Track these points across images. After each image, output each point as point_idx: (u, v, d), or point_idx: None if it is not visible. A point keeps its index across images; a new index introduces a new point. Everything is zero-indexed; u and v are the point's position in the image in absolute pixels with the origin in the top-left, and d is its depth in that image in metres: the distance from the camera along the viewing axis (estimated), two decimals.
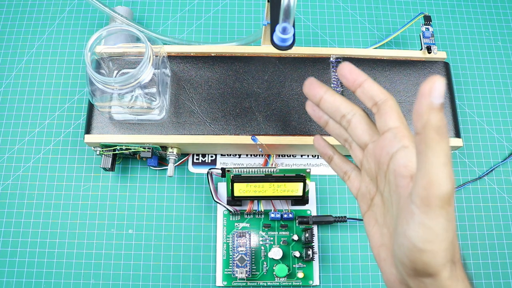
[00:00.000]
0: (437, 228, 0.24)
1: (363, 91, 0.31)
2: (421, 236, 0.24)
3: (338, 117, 0.33)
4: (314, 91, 0.34)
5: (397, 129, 0.29)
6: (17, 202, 0.48)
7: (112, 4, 0.57)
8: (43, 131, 0.50)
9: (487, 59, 0.56)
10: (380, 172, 0.30)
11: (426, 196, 0.23)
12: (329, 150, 0.36)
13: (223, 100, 0.46)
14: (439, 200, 0.23)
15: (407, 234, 0.25)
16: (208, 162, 0.50)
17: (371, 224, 0.31)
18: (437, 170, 0.23)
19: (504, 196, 0.50)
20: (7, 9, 0.56)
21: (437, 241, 0.24)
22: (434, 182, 0.23)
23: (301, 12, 0.58)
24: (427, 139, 0.23)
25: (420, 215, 0.24)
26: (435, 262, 0.24)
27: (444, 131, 0.23)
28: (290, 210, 0.46)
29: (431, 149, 0.23)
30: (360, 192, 0.33)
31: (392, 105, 0.30)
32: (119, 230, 0.47)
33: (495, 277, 0.47)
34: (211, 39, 0.56)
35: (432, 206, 0.23)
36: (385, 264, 0.29)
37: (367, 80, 0.31)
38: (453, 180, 0.24)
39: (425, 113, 0.23)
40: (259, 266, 0.45)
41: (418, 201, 0.24)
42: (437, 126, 0.23)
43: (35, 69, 0.53)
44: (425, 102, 0.22)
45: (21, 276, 0.45)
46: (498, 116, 0.53)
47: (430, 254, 0.24)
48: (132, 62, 0.45)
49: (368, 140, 0.31)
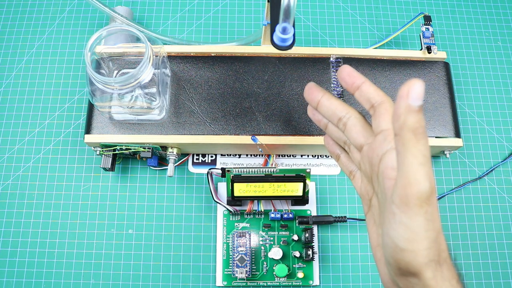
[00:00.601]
0: (416, 228, 0.24)
1: (361, 93, 0.31)
2: (401, 235, 0.25)
3: (335, 120, 0.34)
4: (312, 96, 0.35)
5: (388, 131, 0.29)
6: (17, 202, 0.48)
7: (112, 4, 0.57)
8: (43, 131, 0.50)
9: (487, 59, 0.56)
10: (373, 173, 0.30)
11: (405, 195, 0.24)
12: (337, 149, 0.37)
13: (223, 100, 0.46)
14: (417, 199, 0.24)
15: (389, 233, 0.26)
16: (208, 162, 0.50)
17: (371, 224, 0.32)
18: (414, 170, 0.23)
19: (504, 196, 0.50)
20: (7, 9, 0.56)
21: (417, 240, 0.24)
22: (412, 182, 0.24)
23: (301, 12, 0.58)
24: (404, 140, 0.24)
25: (399, 214, 0.25)
26: (417, 262, 0.25)
27: (421, 132, 0.23)
28: (290, 210, 0.46)
29: (408, 149, 0.24)
30: (361, 192, 0.33)
31: (387, 107, 0.30)
32: (119, 230, 0.47)
33: (495, 277, 0.47)
34: (211, 39, 0.56)
35: (411, 206, 0.24)
36: (380, 263, 0.30)
37: (365, 82, 0.31)
38: (432, 180, 0.24)
39: (402, 114, 0.23)
40: (259, 266, 0.45)
41: (397, 201, 0.25)
42: (413, 127, 0.23)
43: (35, 69, 0.53)
44: (403, 103, 0.23)
45: (21, 276, 0.45)
46: (498, 116, 0.53)
47: (411, 254, 0.25)
48: (132, 62, 0.45)
49: (364, 142, 0.32)
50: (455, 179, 0.50)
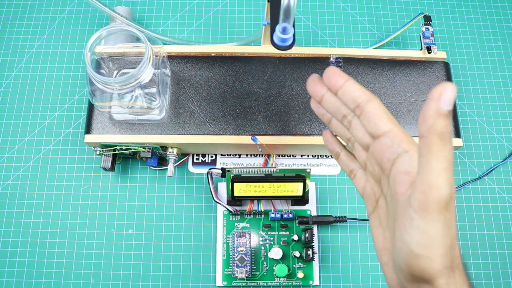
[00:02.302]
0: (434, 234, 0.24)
1: (344, 92, 0.30)
2: (418, 241, 0.24)
3: (339, 117, 0.32)
4: (316, 89, 0.33)
5: (391, 132, 0.28)
6: (17, 202, 0.48)
7: (112, 4, 0.57)
8: (43, 131, 0.50)
9: (487, 59, 0.56)
10: (383, 176, 0.29)
11: (425, 200, 0.23)
12: (336, 147, 0.36)
13: (223, 100, 0.46)
14: (437, 205, 0.23)
15: (404, 239, 0.25)
16: (208, 162, 0.50)
17: (376, 225, 0.31)
18: (437, 175, 0.23)
19: (504, 196, 0.50)
20: (7, 9, 0.56)
21: (434, 247, 0.24)
22: (433, 187, 0.23)
23: (301, 12, 0.58)
24: (430, 144, 0.23)
25: (417, 219, 0.24)
26: (432, 268, 0.24)
27: (448, 137, 0.23)
28: (290, 210, 0.46)
29: (433, 153, 0.23)
30: (365, 192, 0.32)
31: (377, 106, 0.29)
32: (119, 230, 0.47)
33: (495, 277, 0.47)
34: (211, 39, 0.56)
35: (430, 211, 0.23)
36: (387, 268, 0.29)
37: (348, 81, 0.30)
38: (453, 186, 0.24)
39: (431, 117, 0.23)
40: (259, 266, 0.45)
41: (416, 205, 0.24)
42: (441, 131, 0.23)
43: (35, 69, 0.53)
44: (433, 106, 0.23)
45: (21, 276, 0.45)
46: (498, 116, 0.53)
47: (427, 260, 0.24)
48: (132, 62, 0.45)
49: (370, 142, 0.30)
50: (455, 179, 0.50)
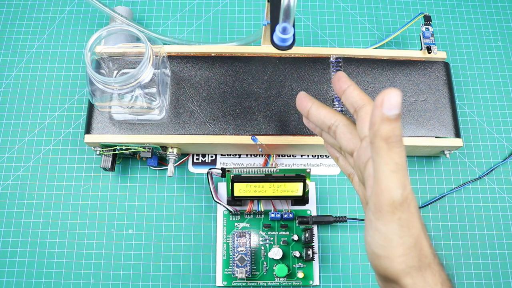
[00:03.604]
0: (390, 234, 0.24)
1: (346, 97, 0.31)
2: (377, 242, 0.25)
3: (325, 129, 0.33)
4: (302, 106, 0.34)
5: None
6: (17, 202, 0.48)
7: (112, 4, 0.57)
8: (43, 131, 0.50)
9: (487, 59, 0.56)
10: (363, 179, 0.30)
11: (378, 202, 0.24)
12: (335, 151, 0.36)
13: (223, 100, 0.46)
14: (389, 206, 0.24)
15: (367, 240, 0.26)
16: (208, 162, 0.50)
17: None
18: (386, 177, 0.24)
19: (504, 196, 0.50)
20: (7, 9, 0.56)
21: (392, 247, 0.24)
22: (383, 189, 0.24)
23: (301, 12, 0.58)
24: (377, 148, 0.24)
25: (375, 221, 0.25)
26: (393, 268, 0.25)
27: (395, 141, 0.23)
28: (290, 210, 0.46)
29: (381, 157, 0.24)
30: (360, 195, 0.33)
31: (368, 111, 0.29)
32: (119, 230, 0.47)
33: (495, 277, 0.47)
34: (211, 39, 0.56)
35: (384, 212, 0.24)
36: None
37: (350, 86, 0.31)
38: (406, 187, 0.24)
39: (376, 123, 0.23)
40: (259, 266, 0.45)
41: (372, 208, 0.25)
42: (386, 136, 0.23)
43: (35, 69, 0.53)
44: (377, 112, 0.23)
45: (21, 276, 0.45)
46: (498, 116, 0.53)
47: (387, 260, 0.25)
48: (132, 62, 0.45)
49: (354, 148, 0.31)
50: (455, 179, 0.50)
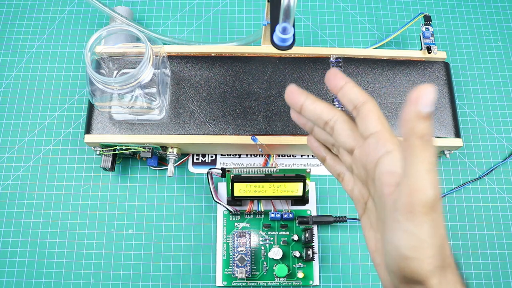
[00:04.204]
0: (422, 235, 0.24)
1: (343, 94, 0.30)
2: (407, 243, 0.24)
3: (321, 124, 0.32)
4: (294, 99, 0.33)
5: (378, 133, 0.28)
6: (17, 202, 0.48)
7: (112, 4, 0.57)
8: (43, 131, 0.50)
9: (487, 59, 0.56)
10: (369, 178, 0.29)
11: (410, 203, 0.24)
12: (321, 151, 0.35)
13: (223, 100, 0.46)
14: (423, 207, 0.23)
15: (393, 242, 0.25)
16: (208, 162, 0.50)
17: (367, 227, 0.31)
18: (421, 178, 0.23)
19: (504, 196, 0.50)
20: (7, 9, 0.56)
21: (423, 248, 0.24)
22: (417, 189, 0.23)
23: (301, 12, 0.58)
24: (412, 147, 0.23)
25: (404, 222, 0.24)
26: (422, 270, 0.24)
27: (429, 139, 0.23)
28: (290, 210, 0.46)
29: (415, 156, 0.23)
30: (353, 195, 0.32)
31: (371, 108, 0.29)
32: (119, 230, 0.47)
33: (495, 277, 0.47)
34: (211, 39, 0.56)
35: (416, 213, 0.24)
36: (380, 269, 0.30)
37: (348, 83, 0.30)
38: (437, 187, 0.24)
39: (410, 120, 0.23)
40: (259, 266, 0.45)
41: (402, 208, 0.24)
42: (422, 134, 0.23)
43: (35, 69, 0.53)
44: (412, 109, 0.23)
45: (21, 276, 0.45)
46: (498, 116, 0.53)
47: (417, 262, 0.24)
48: (132, 62, 0.45)
49: (354, 145, 0.30)
50: (455, 179, 0.50)
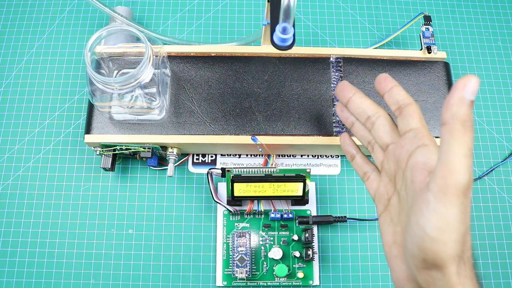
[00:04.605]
0: (450, 217, 0.24)
1: (391, 95, 0.33)
2: (434, 224, 0.25)
3: (363, 118, 0.35)
4: (344, 92, 0.36)
5: (417, 129, 0.30)
6: (17, 202, 0.48)
7: (112, 4, 0.57)
8: (43, 131, 0.50)
9: (487, 59, 0.56)
10: (398, 170, 0.31)
11: (444, 184, 0.24)
12: (352, 149, 0.38)
13: (223, 100, 0.46)
14: (456, 189, 0.24)
15: (419, 222, 0.25)
16: (208, 162, 0.50)
17: (386, 223, 0.32)
18: (458, 160, 0.24)
19: (504, 196, 0.50)
20: (7, 9, 0.56)
21: (449, 231, 0.25)
22: (453, 171, 0.24)
23: (301, 12, 0.58)
24: (452, 130, 0.24)
25: (435, 203, 0.25)
26: (445, 253, 0.25)
27: (470, 125, 0.24)
28: (290, 210, 0.46)
29: (455, 139, 0.24)
30: (377, 193, 0.34)
31: (415, 109, 0.32)
32: (119, 230, 0.47)
33: (495, 277, 0.47)
34: (211, 39, 0.56)
35: (448, 194, 0.24)
36: (396, 261, 0.30)
37: (397, 86, 0.33)
38: (472, 173, 0.24)
39: (455, 104, 0.24)
40: (259, 266, 0.45)
41: (434, 189, 0.25)
42: (464, 118, 0.24)
43: (35, 69, 0.53)
44: (457, 95, 0.24)
45: (21, 276, 0.45)
46: (498, 116, 0.53)
47: (441, 244, 0.25)
48: (132, 62, 0.45)
49: (390, 141, 0.33)
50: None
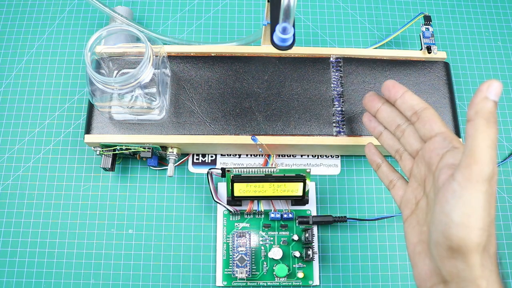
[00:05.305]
0: (475, 204, 0.26)
1: (404, 101, 0.34)
2: (460, 210, 0.26)
3: (393, 127, 0.36)
4: (373, 102, 0.38)
5: (445, 133, 0.31)
6: (17, 202, 0.48)
7: (112, 4, 0.57)
8: (43, 131, 0.50)
9: (487, 59, 0.56)
10: (429, 174, 0.32)
11: (469, 172, 0.26)
12: (378, 158, 0.39)
13: (223, 100, 0.46)
14: (480, 177, 0.25)
15: (444, 209, 0.27)
16: (208, 162, 0.50)
17: (412, 225, 0.33)
18: (482, 151, 0.25)
19: (504, 196, 0.50)
20: (7, 9, 0.56)
21: (474, 217, 0.26)
22: (477, 161, 0.25)
23: (301, 12, 0.58)
24: (476, 125, 0.26)
25: (460, 191, 0.26)
26: (469, 239, 0.26)
27: (493, 122, 0.26)
28: (290, 210, 0.46)
29: (480, 132, 0.26)
30: (404, 199, 0.35)
31: (433, 112, 0.33)
32: (119, 230, 0.47)
33: None
34: (211, 39, 0.56)
35: (473, 181, 0.26)
36: (419, 257, 0.31)
37: (408, 91, 0.34)
38: (496, 164, 0.26)
39: (478, 103, 0.26)
40: (259, 266, 0.45)
41: (460, 178, 0.26)
42: (487, 115, 0.26)
43: (35, 69, 0.53)
44: (481, 95, 0.26)
45: (21, 276, 0.45)
46: (498, 116, 0.53)
47: (466, 229, 0.26)
48: (132, 62, 0.45)
49: (420, 147, 0.34)
50: None
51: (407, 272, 0.46)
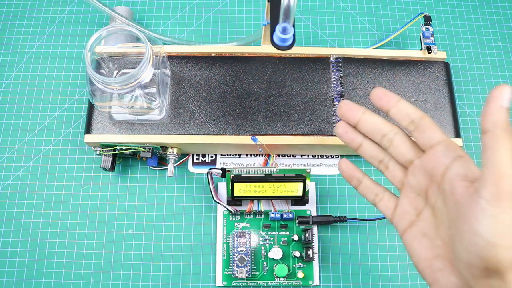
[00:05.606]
0: (508, 221, 0.24)
1: (398, 110, 0.32)
2: (494, 229, 0.25)
3: (378, 137, 0.34)
4: (352, 113, 0.34)
5: (446, 141, 0.30)
6: (17, 202, 0.48)
7: (112, 4, 0.57)
8: (43, 131, 0.50)
9: (487, 59, 0.56)
10: (432, 184, 0.30)
11: (497, 190, 0.24)
12: (359, 173, 0.36)
13: (223, 100, 0.46)
14: (509, 193, 0.24)
15: (477, 231, 0.25)
16: (208, 162, 0.50)
17: (417, 238, 0.31)
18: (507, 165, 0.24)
19: None
20: (7, 9, 0.56)
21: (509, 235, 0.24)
22: (504, 176, 0.24)
23: (301, 12, 0.58)
24: (496, 137, 0.25)
25: (491, 209, 0.25)
26: (507, 259, 0.25)
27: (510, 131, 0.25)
28: (290, 210, 0.46)
29: (501, 145, 0.25)
30: (398, 212, 0.33)
31: (431, 120, 0.31)
32: (119, 230, 0.47)
33: None
34: (211, 39, 0.56)
35: (503, 200, 0.24)
36: (442, 274, 0.29)
37: (401, 100, 0.33)
38: None
39: (495, 113, 0.25)
40: (259, 266, 0.45)
41: (488, 196, 0.25)
42: (505, 125, 0.25)
43: (35, 69, 0.53)
44: (496, 104, 0.25)
45: (21, 276, 0.45)
46: None
47: (503, 249, 0.24)
48: (132, 62, 0.45)
49: (414, 157, 0.32)
50: None
51: (407, 272, 0.46)
